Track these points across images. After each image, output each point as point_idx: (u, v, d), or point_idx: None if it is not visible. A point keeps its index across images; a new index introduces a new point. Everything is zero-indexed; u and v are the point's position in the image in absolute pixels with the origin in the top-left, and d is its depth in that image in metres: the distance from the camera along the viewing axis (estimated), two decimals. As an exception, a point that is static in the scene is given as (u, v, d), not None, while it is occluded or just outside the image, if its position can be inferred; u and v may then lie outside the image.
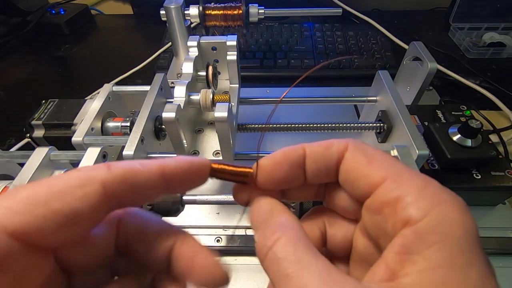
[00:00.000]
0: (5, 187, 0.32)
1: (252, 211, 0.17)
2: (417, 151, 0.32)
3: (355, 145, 0.16)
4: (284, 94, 0.22)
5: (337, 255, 0.13)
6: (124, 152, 0.33)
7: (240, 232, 0.41)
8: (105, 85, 0.42)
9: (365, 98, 0.45)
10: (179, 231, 0.17)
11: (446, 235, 0.13)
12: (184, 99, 0.35)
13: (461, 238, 0.13)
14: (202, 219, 0.43)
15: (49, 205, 0.13)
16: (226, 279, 0.16)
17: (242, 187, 0.18)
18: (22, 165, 0.31)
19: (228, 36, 0.42)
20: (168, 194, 0.17)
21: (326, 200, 0.19)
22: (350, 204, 0.17)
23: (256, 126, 0.40)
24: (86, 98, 0.48)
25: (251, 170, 0.17)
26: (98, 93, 0.42)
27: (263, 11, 0.53)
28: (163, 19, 0.52)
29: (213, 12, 0.53)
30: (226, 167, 0.18)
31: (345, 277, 0.13)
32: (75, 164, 0.31)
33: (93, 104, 0.40)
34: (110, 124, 0.41)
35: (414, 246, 0.13)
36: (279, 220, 0.15)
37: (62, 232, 0.13)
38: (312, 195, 0.19)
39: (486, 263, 0.13)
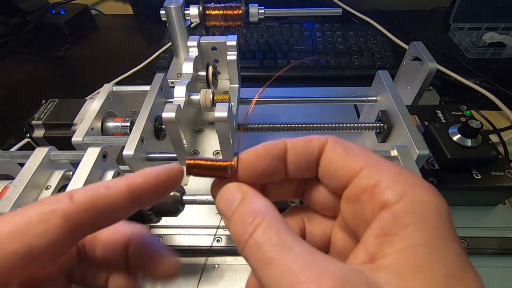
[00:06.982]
0: (5, 187, 0.32)
1: (221, 198, 0.17)
2: (417, 151, 0.32)
3: (334, 139, 0.17)
4: (259, 93, 0.22)
5: None
6: (124, 152, 0.33)
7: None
8: (105, 85, 0.43)
9: (365, 98, 0.45)
10: (132, 226, 0.18)
11: (422, 215, 0.13)
12: (184, 99, 0.35)
13: (436, 218, 0.13)
14: (202, 219, 0.43)
15: (5, 245, 0.13)
16: (178, 272, 0.18)
17: (222, 182, 0.17)
18: (22, 165, 0.31)
19: (228, 36, 0.42)
20: (141, 208, 0.17)
21: (305, 197, 0.19)
22: (329, 199, 0.18)
23: (256, 126, 0.40)
24: (86, 98, 0.48)
25: (230, 163, 0.17)
26: (98, 93, 0.42)
27: (263, 11, 0.53)
28: (163, 19, 0.52)
29: (213, 12, 0.53)
30: (203, 162, 0.17)
31: (328, 258, 0.13)
32: (75, 164, 0.31)
33: (93, 104, 0.40)
34: (110, 124, 0.41)
35: (391, 228, 0.13)
36: (256, 205, 0.15)
37: (21, 270, 0.13)
38: (292, 192, 0.19)
39: (459, 241, 0.13)
